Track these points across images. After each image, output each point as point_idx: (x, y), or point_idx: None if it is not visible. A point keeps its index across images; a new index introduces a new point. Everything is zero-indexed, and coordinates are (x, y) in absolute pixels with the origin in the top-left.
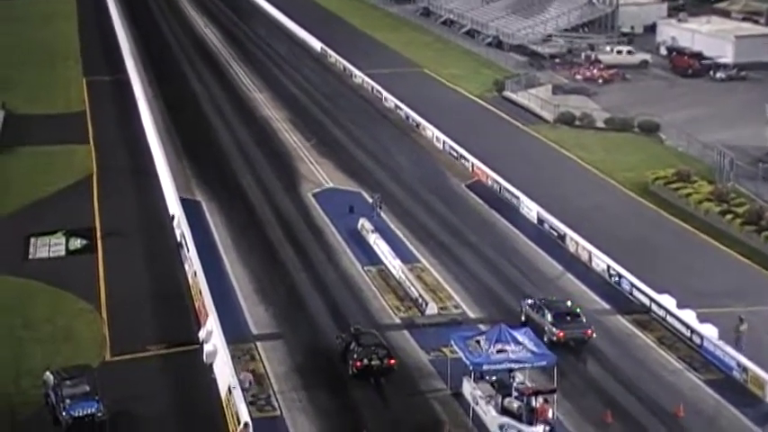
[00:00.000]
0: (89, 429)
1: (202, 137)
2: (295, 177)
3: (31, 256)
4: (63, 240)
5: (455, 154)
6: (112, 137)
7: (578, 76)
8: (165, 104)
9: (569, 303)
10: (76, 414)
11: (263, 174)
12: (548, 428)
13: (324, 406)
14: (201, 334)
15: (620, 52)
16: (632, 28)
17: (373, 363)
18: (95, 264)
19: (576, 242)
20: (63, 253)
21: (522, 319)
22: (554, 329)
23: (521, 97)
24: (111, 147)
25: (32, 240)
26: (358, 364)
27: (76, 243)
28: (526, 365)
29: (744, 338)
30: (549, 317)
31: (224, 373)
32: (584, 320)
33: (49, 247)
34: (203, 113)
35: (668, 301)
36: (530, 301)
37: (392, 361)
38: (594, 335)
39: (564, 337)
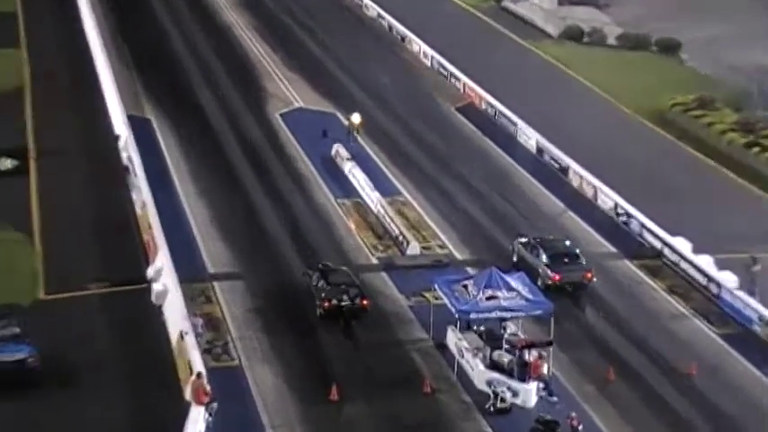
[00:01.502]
0: (18, 376)
1: (154, 45)
2: (261, 95)
3: None
4: None
5: (445, 72)
6: (49, 42)
7: None
8: (110, 6)
9: (567, 243)
10: (4, 359)
11: (225, 88)
12: (542, 386)
13: (288, 354)
14: (150, 271)
15: None
16: None
17: (343, 303)
18: (27, 188)
19: (581, 176)
20: None
21: (514, 259)
22: (549, 272)
23: (521, 8)
24: (47, 53)
25: None
26: (326, 304)
27: (6, 163)
28: (519, 314)
29: (757, 281)
30: (544, 257)
31: (175, 316)
32: (584, 262)
33: None
34: (155, 17)
35: (683, 244)
36: (522, 240)
37: (365, 301)
38: (595, 279)
39: (560, 281)
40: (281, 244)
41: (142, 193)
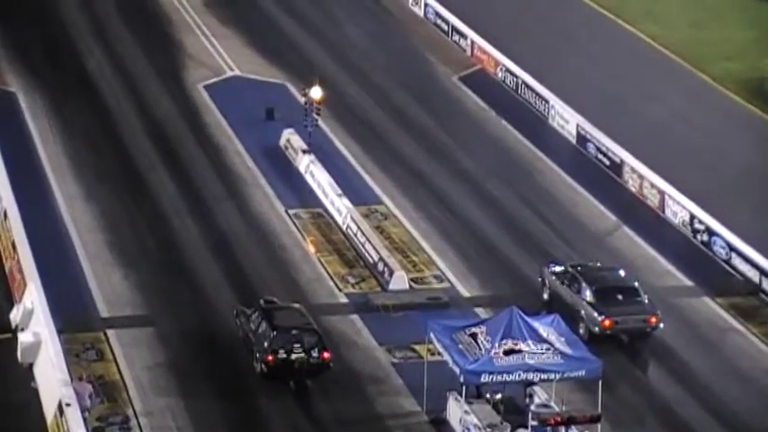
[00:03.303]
0: None
1: None
2: (178, 58)
3: None
4: None
5: (445, 26)
6: None
7: None
8: None
9: (621, 272)
10: None
11: (125, 50)
12: None
13: None
14: (14, 315)
15: None
16: None
17: (295, 356)
18: None
19: (641, 176)
20: None
21: (545, 297)
22: (596, 314)
23: None
24: None
25: None
26: (270, 357)
27: None
28: (553, 376)
29: None
30: (589, 294)
31: (52, 380)
32: (646, 300)
33: None
34: None
35: None
36: (557, 269)
37: (326, 354)
38: (662, 324)
39: (612, 327)
40: (206, 274)
41: (2, 200)
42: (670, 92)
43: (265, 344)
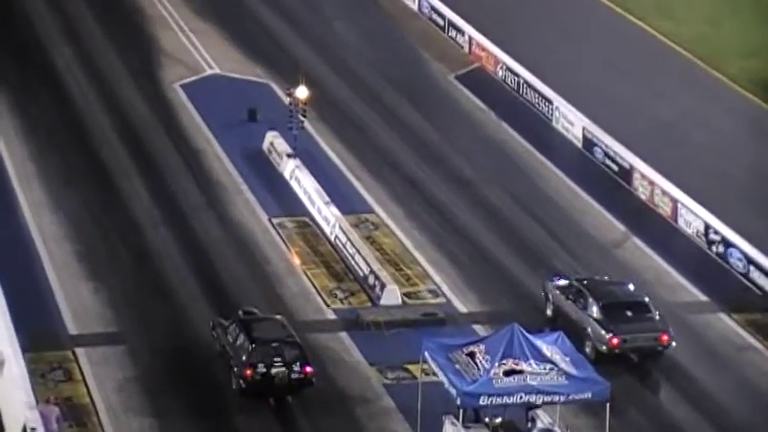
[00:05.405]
0: None
1: None
2: (153, 55)
3: None
4: None
5: (441, 21)
6: None
7: None
8: None
9: (631, 287)
10: None
11: (95, 46)
12: None
13: None
14: None
15: None
16: None
17: (275, 371)
18: None
19: (651, 183)
20: None
21: (548, 312)
22: (603, 332)
23: None
24: None
25: None
26: (248, 372)
27: None
28: (557, 399)
29: None
30: (596, 310)
31: (16, 403)
32: (657, 317)
33: None
34: None
35: None
36: (561, 283)
37: (308, 369)
38: (675, 343)
39: (621, 346)
40: (183, 289)
41: None
42: (683, 92)
43: (243, 357)
